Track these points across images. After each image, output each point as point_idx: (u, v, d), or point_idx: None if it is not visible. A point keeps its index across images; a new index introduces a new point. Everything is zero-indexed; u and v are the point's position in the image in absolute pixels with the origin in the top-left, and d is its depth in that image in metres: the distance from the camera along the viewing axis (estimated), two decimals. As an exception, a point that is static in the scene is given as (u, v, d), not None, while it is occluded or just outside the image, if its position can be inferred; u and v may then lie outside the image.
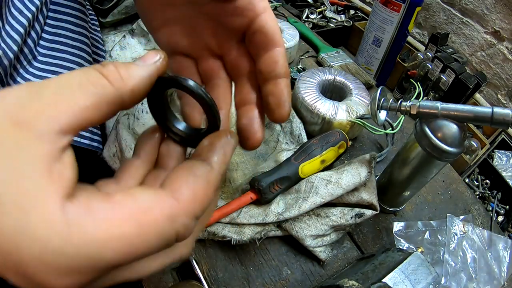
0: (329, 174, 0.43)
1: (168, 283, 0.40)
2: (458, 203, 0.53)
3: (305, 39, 0.82)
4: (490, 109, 0.31)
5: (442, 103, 0.34)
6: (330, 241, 0.43)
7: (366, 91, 0.56)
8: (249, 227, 0.42)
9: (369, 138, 0.59)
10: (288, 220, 0.43)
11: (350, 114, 0.51)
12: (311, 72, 0.58)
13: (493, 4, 0.91)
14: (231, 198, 0.47)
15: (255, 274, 0.42)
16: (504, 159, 0.82)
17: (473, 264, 0.43)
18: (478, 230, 0.46)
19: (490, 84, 0.98)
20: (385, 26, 0.79)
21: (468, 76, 0.72)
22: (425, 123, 0.35)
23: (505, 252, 0.45)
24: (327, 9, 1.12)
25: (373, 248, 0.46)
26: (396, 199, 0.48)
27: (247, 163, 0.52)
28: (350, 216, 0.42)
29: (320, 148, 0.45)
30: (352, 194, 0.43)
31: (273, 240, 0.44)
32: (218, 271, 0.41)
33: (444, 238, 0.44)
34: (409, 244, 0.44)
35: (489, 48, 0.95)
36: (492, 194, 0.75)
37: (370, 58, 0.87)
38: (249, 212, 0.43)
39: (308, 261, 0.43)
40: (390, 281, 0.32)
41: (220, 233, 0.41)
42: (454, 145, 0.34)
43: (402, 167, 0.42)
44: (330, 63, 0.72)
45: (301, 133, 0.52)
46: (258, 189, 0.42)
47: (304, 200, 0.42)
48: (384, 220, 0.49)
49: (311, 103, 0.52)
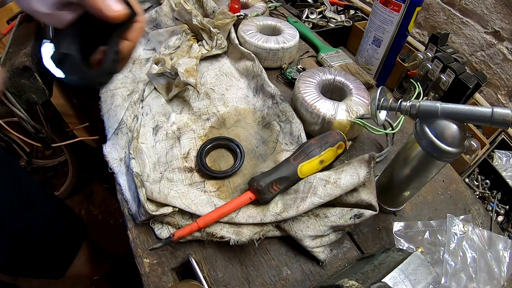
0: (328, 174, 0.43)
1: (168, 283, 0.40)
2: (458, 203, 0.52)
3: (305, 39, 0.82)
4: (490, 109, 0.31)
5: (442, 103, 0.34)
6: (329, 241, 0.43)
7: (366, 91, 0.56)
8: (248, 227, 0.42)
9: (369, 138, 0.59)
10: (287, 221, 0.42)
11: (350, 114, 0.51)
12: (311, 72, 0.58)
13: (493, 4, 0.90)
14: (230, 198, 0.47)
15: (255, 274, 0.42)
16: (504, 159, 0.82)
17: (473, 264, 0.43)
18: (478, 230, 0.46)
19: (490, 84, 0.98)
20: (385, 26, 0.79)
21: (468, 76, 0.72)
22: (425, 123, 0.35)
23: (505, 252, 0.45)
24: (327, 9, 1.12)
25: (373, 248, 0.46)
26: (396, 199, 0.47)
27: (246, 163, 0.52)
28: (349, 217, 0.42)
29: (319, 148, 0.45)
30: (351, 195, 0.43)
31: (273, 240, 0.44)
32: (218, 271, 0.41)
33: (444, 238, 0.44)
34: (409, 244, 0.43)
35: (489, 48, 0.95)
36: (492, 194, 0.75)
37: (370, 58, 0.87)
38: (248, 212, 0.43)
39: (308, 261, 0.43)
40: (390, 281, 0.32)
41: (218, 234, 0.41)
42: (454, 145, 0.34)
43: (402, 167, 0.42)
44: (330, 63, 0.72)
45: (300, 134, 0.52)
46: (257, 189, 0.42)
47: (302, 201, 0.42)
48: (384, 220, 0.49)
49: (311, 103, 0.52)
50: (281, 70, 0.70)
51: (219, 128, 0.56)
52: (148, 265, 0.41)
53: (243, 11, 0.77)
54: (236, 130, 0.56)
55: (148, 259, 0.42)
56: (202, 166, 0.49)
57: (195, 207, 0.43)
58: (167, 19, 0.71)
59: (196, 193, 0.45)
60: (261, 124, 0.57)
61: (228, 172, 0.49)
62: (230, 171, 0.49)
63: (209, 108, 0.59)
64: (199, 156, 0.50)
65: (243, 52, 0.67)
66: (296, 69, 0.68)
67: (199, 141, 0.54)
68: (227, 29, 0.70)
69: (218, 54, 0.69)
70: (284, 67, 0.69)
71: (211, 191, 0.47)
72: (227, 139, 0.53)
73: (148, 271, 0.41)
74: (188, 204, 0.43)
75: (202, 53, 0.66)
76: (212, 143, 0.52)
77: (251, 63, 0.65)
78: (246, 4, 0.84)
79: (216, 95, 0.62)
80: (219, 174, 0.48)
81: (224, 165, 0.52)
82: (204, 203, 0.44)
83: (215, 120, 0.57)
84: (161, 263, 0.42)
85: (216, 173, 0.48)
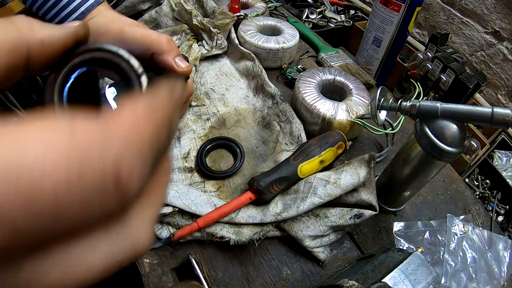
0: (328, 174, 0.43)
1: (168, 283, 0.40)
2: (458, 203, 0.52)
3: (305, 39, 0.82)
4: (490, 109, 0.31)
5: (442, 103, 0.34)
6: (329, 241, 0.43)
7: (366, 91, 0.56)
8: (248, 227, 0.42)
9: (369, 138, 0.59)
10: (287, 221, 0.43)
11: (350, 114, 0.51)
12: (311, 72, 0.58)
13: (493, 4, 0.90)
14: (230, 198, 0.47)
15: (255, 274, 0.42)
16: (504, 159, 0.82)
17: (473, 264, 0.43)
18: (478, 230, 0.46)
19: (490, 84, 0.98)
20: (385, 26, 0.79)
21: (468, 76, 0.72)
22: (425, 123, 0.35)
23: (505, 252, 0.45)
24: (327, 9, 1.12)
25: (373, 248, 0.46)
26: (396, 199, 0.47)
27: (246, 163, 0.52)
28: (349, 217, 0.42)
29: (319, 148, 0.45)
30: (351, 195, 0.43)
31: (273, 240, 0.44)
32: (218, 271, 0.41)
33: (444, 238, 0.44)
34: (409, 244, 0.43)
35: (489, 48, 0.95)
36: (492, 194, 0.75)
37: (370, 58, 0.87)
38: (248, 212, 0.43)
39: (308, 261, 0.43)
40: (390, 281, 0.32)
41: (218, 234, 0.41)
42: (454, 145, 0.34)
43: (402, 167, 0.42)
44: (330, 63, 0.72)
45: (300, 134, 0.52)
46: (257, 189, 0.42)
47: (302, 201, 0.42)
48: (384, 220, 0.48)
49: (311, 103, 0.52)
50: (281, 70, 0.70)
51: (219, 128, 0.56)
52: (148, 265, 0.41)
53: (243, 11, 0.77)
54: (236, 130, 0.56)
55: (148, 259, 0.42)
56: (202, 166, 0.49)
57: (195, 207, 0.43)
58: (167, 19, 0.71)
59: (196, 193, 0.45)
60: (261, 124, 0.57)
61: (228, 172, 0.49)
62: (230, 171, 0.49)
63: (209, 108, 0.59)
64: (199, 156, 0.50)
65: (243, 52, 0.67)
66: (296, 69, 0.68)
67: (199, 141, 0.54)
68: (227, 29, 0.70)
69: (218, 54, 0.69)
70: (284, 67, 0.69)
71: (211, 191, 0.47)
72: (227, 139, 0.53)
73: (148, 271, 0.41)
74: (188, 204, 0.43)
75: (202, 53, 0.67)
76: (212, 143, 0.52)
77: (251, 63, 0.65)
78: (246, 4, 0.84)
79: (216, 95, 0.62)
80: (219, 174, 0.48)
81: (224, 165, 0.52)
82: (204, 203, 0.44)
83: (215, 120, 0.57)
84: (161, 263, 0.42)
85: (216, 173, 0.48)
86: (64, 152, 0.09)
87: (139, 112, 0.12)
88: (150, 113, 0.12)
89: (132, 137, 0.11)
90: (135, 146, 0.11)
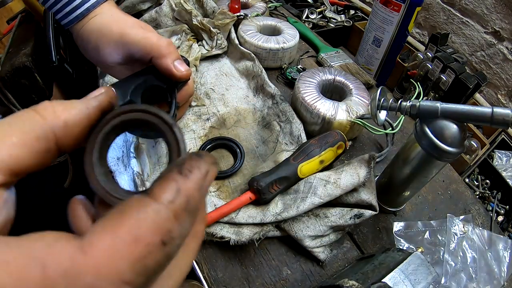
0: (328, 174, 0.43)
1: (167, 283, 0.40)
2: (458, 203, 0.52)
3: (305, 39, 0.82)
4: (490, 109, 0.31)
5: (442, 103, 0.34)
6: (329, 241, 0.43)
7: (366, 91, 0.56)
8: (248, 227, 0.42)
9: (369, 138, 0.59)
10: (287, 221, 0.43)
11: (350, 114, 0.51)
12: (311, 72, 0.58)
13: (493, 4, 0.91)
14: (230, 198, 0.47)
15: (255, 274, 0.42)
16: (504, 159, 0.82)
17: (473, 264, 0.43)
18: (478, 230, 0.46)
19: (490, 84, 0.98)
20: (385, 26, 0.79)
21: (468, 76, 0.72)
22: (425, 123, 0.35)
23: (505, 252, 0.45)
24: (327, 9, 1.12)
25: (373, 248, 0.46)
26: (396, 199, 0.47)
27: (246, 163, 0.52)
28: (349, 217, 0.42)
29: (319, 148, 0.45)
30: (351, 195, 0.43)
31: (273, 240, 0.44)
32: (218, 271, 0.41)
33: (444, 238, 0.44)
34: (409, 244, 0.43)
35: (489, 48, 0.95)
36: (492, 194, 0.75)
37: (370, 58, 0.87)
38: (248, 212, 0.43)
39: (308, 261, 0.43)
40: (390, 281, 0.32)
41: (218, 234, 0.41)
42: (454, 145, 0.34)
43: (402, 167, 0.42)
44: (330, 63, 0.72)
45: (300, 134, 0.52)
46: (257, 189, 0.42)
47: (302, 201, 0.42)
48: (384, 220, 0.48)
49: (311, 103, 0.52)
50: (281, 70, 0.70)
51: (219, 128, 0.56)
52: (148, 265, 0.41)
53: (243, 11, 0.77)
54: (236, 130, 0.56)
55: (148, 259, 0.42)
56: None
57: (195, 207, 0.43)
58: (167, 19, 0.71)
59: (196, 193, 0.45)
60: (261, 124, 0.57)
61: (228, 172, 0.49)
62: (230, 171, 0.49)
63: (209, 108, 0.59)
64: None
65: (243, 52, 0.67)
66: (296, 69, 0.68)
67: (199, 141, 0.54)
68: (227, 29, 0.70)
69: (218, 54, 0.69)
70: (284, 67, 0.69)
71: (211, 191, 0.47)
72: (227, 139, 0.53)
73: (148, 271, 0.41)
74: (188, 204, 0.43)
75: (202, 53, 0.67)
76: (212, 143, 0.52)
77: (251, 63, 0.65)
78: (246, 4, 0.84)
79: (216, 95, 0.62)
80: (219, 174, 0.48)
81: (224, 165, 0.52)
82: (204, 203, 0.44)
83: (215, 120, 0.57)
84: (161, 263, 0.42)
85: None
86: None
87: (120, 236, 0.12)
88: (133, 236, 0.12)
89: (108, 264, 0.11)
90: (109, 274, 0.11)
